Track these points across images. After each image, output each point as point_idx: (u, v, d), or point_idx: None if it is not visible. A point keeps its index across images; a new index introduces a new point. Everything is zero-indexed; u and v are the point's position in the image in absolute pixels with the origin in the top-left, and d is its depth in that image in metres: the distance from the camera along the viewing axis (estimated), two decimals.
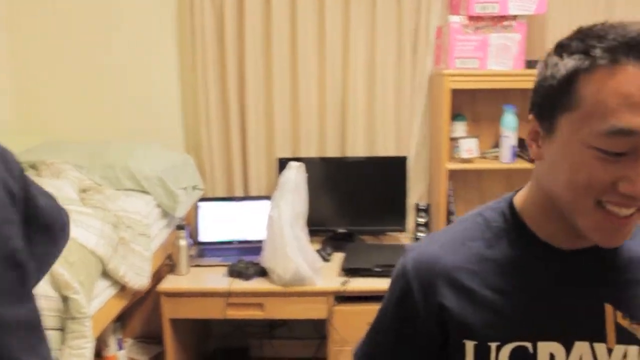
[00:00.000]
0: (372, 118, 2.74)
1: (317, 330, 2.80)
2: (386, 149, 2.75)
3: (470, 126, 2.69)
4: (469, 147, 2.47)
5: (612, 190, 0.71)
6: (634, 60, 0.69)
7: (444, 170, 2.47)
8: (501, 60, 2.43)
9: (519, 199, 0.88)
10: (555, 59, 0.76)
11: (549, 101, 0.77)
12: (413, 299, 0.88)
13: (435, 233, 0.93)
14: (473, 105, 2.73)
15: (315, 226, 2.62)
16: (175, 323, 2.38)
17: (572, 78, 0.73)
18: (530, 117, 0.82)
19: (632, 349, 0.83)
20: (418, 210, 2.69)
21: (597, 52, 0.71)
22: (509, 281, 0.84)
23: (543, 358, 0.83)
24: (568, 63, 0.74)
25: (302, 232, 2.31)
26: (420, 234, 2.68)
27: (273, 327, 2.97)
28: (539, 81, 0.79)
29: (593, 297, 0.84)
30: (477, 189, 2.82)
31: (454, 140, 2.55)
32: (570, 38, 0.76)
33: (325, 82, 2.70)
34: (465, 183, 2.79)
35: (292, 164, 2.31)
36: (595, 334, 0.83)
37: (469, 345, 0.84)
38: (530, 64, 2.52)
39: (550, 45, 0.80)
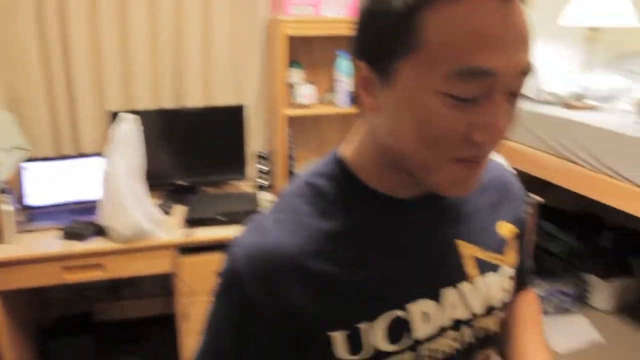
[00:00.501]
0: (209, 66, 2.67)
1: (165, 287, 2.76)
2: (224, 98, 2.71)
3: (307, 73, 2.74)
4: (306, 93, 2.52)
5: (466, 142, 0.62)
6: None
7: (282, 117, 2.50)
8: (335, 6, 2.49)
9: (348, 154, 0.76)
10: None
11: (383, 44, 0.63)
12: (255, 311, 0.70)
13: (261, 218, 0.75)
14: (309, 52, 2.78)
15: (155, 180, 2.53)
16: (6, 296, 2.19)
17: (411, 14, 0.60)
18: (358, 63, 0.67)
19: (492, 276, 0.81)
20: (259, 158, 2.71)
21: None
22: (359, 250, 0.73)
23: (417, 319, 0.74)
24: None
25: (140, 186, 2.22)
26: (262, 181, 2.71)
27: (118, 288, 2.87)
28: (366, 19, 0.65)
29: (444, 239, 0.78)
30: (315, 134, 2.90)
31: (291, 86, 2.58)
32: None
33: (157, 29, 2.56)
34: (303, 129, 2.86)
35: (125, 116, 2.19)
36: (458, 275, 0.78)
37: (336, 336, 0.71)
38: None
39: None
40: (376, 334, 0.72)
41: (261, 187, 2.72)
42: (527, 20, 0.63)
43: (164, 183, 2.64)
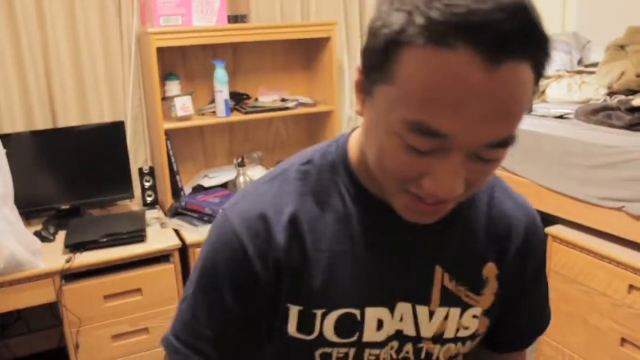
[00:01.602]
0: (82, 84, 2.57)
1: (56, 317, 2.62)
2: (101, 115, 2.62)
3: (184, 84, 2.70)
4: (183, 105, 2.48)
5: (418, 184, 0.61)
6: (466, 45, 0.53)
7: (161, 130, 2.45)
8: (204, 16, 2.47)
9: (353, 148, 0.76)
10: (386, 6, 0.59)
11: (371, 63, 0.62)
12: (250, 260, 0.73)
13: (260, 185, 0.79)
14: (185, 63, 2.74)
15: (34, 206, 2.41)
16: None
17: (391, 45, 0.57)
18: (358, 66, 0.67)
19: (454, 311, 0.79)
20: (142, 174, 2.64)
21: (422, 20, 0.54)
22: (341, 243, 0.74)
23: (370, 324, 0.76)
24: (393, 21, 0.57)
25: (12, 214, 2.10)
26: (148, 198, 2.64)
27: (5, 326, 2.70)
28: (370, 27, 0.62)
29: (425, 260, 0.77)
30: (200, 145, 2.86)
31: (169, 99, 2.53)
32: None
33: (22, 51, 2.44)
34: (188, 141, 2.81)
35: None
36: (421, 297, 0.78)
37: (293, 310, 0.75)
38: (234, 19, 2.60)
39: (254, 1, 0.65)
40: (327, 324, 0.75)
41: (147, 205, 2.65)
42: (519, 90, 0.56)
43: (45, 208, 2.51)
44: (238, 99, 2.76)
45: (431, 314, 0.78)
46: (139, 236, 2.24)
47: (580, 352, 2.08)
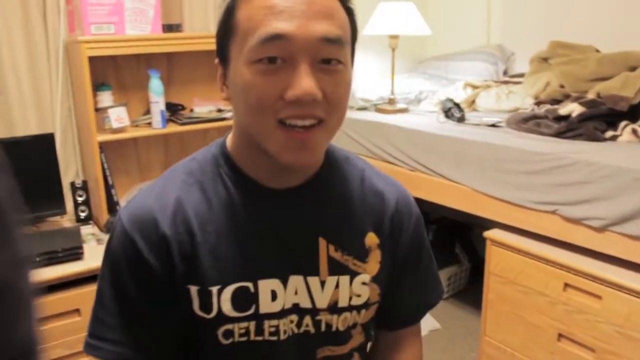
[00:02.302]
0: (5, 95, 2.42)
1: None
2: (28, 128, 2.47)
3: (118, 94, 2.60)
4: (118, 116, 2.39)
5: (284, 104, 0.74)
6: None
7: (94, 143, 2.34)
8: (138, 24, 2.39)
9: (229, 141, 0.89)
10: (220, 4, 0.82)
11: (220, 36, 0.82)
12: (142, 253, 0.82)
13: (150, 185, 0.89)
14: (118, 72, 2.64)
15: None
16: None
17: (230, 10, 0.79)
18: (216, 61, 0.85)
19: (344, 279, 0.88)
20: (74, 188, 2.51)
21: None
22: (227, 223, 0.83)
23: (264, 295, 0.84)
24: (227, 0, 0.80)
25: None
26: (82, 214, 2.51)
27: None
28: (217, 26, 0.83)
29: (308, 233, 0.86)
30: (135, 158, 2.76)
31: (102, 110, 2.43)
32: None
33: None
34: (122, 153, 2.71)
35: None
36: (310, 268, 0.86)
37: (193, 290, 0.83)
38: (169, 28, 2.54)
39: (187, 8, 0.84)
40: (224, 300, 0.82)
41: (81, 220, 2.52)
42: (333, 1, 0.77)
43: None
44: (173, 110, 2.69)
45: (322, 283, 0.87)
46: (75, 254, 2.12)
47: (520, 349, 2.17)
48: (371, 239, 0.91)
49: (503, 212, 2.21)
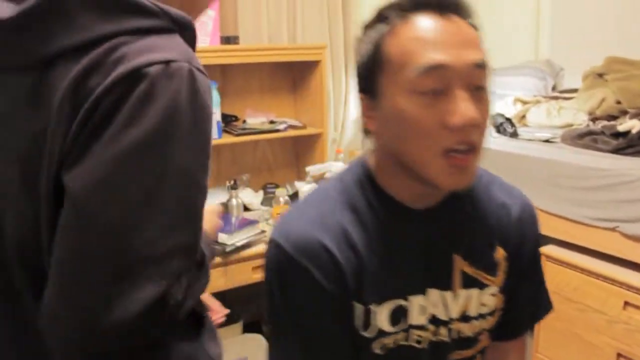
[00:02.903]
0: None
1: None
2: None
3: None
4: None
5: (448, 132, 0.77)
6: (422, 10, 0.80)
7: None
8: (198, 36, 2.44)
9: (372, 165, 0.92)
10: (361, 38, 0.85)
11: (367, 73, 0.84)
12: (319, 282, 0.85)
13: (300, 209, 0.93)
14: None
15: None
16: None
17: (378, 44, 0.82)
18: (360, 95, 0.88)
19: (474, 292, 0.93)
20: None
21: (391, 14, 0.81)
22: (381, 244, 0.88)
23: (414, 310, 0.90)
24: (372, 35, 0.83)
25: None
26: None
27: None
28: (356, 64, 0.87)
29: (445, 250, 0.91)
30: None
31: None
32: (370, 17, 0.85)
33: None
34: None
35: None
36: (446, 283, 0.91)
37: (358, 309, 0.87)
38: (227, 40, 2.59)
39: (242, 21, 0.83)
40: (382, 317, 0.88)
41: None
42: (470, 31, 0.81)
43: None
44: (227, 121, 2.74)
45: (456, 296, 0.92)
46: None
47: None
48: (500, 252, 0.96)
49: (559, 228, 2.20)
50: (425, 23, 0.79)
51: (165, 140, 0.67)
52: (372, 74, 0.83)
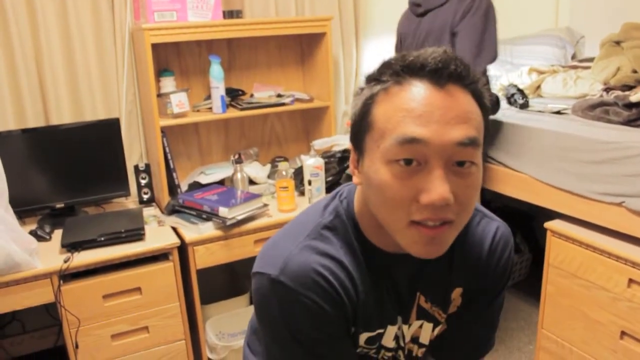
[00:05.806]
0: (75, 81, 2.54)
1: (53, 317, 2.59)
2: (95, 113, 2.59)
3: (179, 80, 2.67)
4: (179, 101, 2.45)
5: (418, 207, 0.77)
6: (415, 79, 0.78)
7: (157, 127, 2.42)
8: (200, 11, 2.44)
9: (356, 207, 0.95)
10: (359, 92, 0.86)
11: (357, 128, 0.85)
12: (323, 307, 0.89)
13: (287, 239, 0.95)
14: (180, 59, 2.71)
15: (28, 205, 2.38)
16: None
17: (368, 105, 0.82)
18: (350, 147, 0.90)
19: (427, 325, 1.04)
20: (138, 171, 2.61)
21: (385, 77, 0.81)
22: (365, 284, 0.94)
23: (388, 337, 1.01)
24: (366, 93, 0.84)
25: (7, 213, 2.06)
26: (145, 196, 2.61)
27: (0, 326, 2.66)
28: (351, 116, 0.88)
29: (412, 288, 0.99)
30: (196, 142, 2.84)
31: (164, 95, 2.50)
32: (373, 71, 0.85)
33: (13, 48, 2.40)
34: (183, 137, 2.79)
35: None
36: (407, 316, 1.01)
37: (363, 336, 0.99)
38: (229, 14, 2.57)
39: None
40: (362, 337, 0.99)
41: (144, 202, 2.62)
42: (466, 104, 0.78)
43: (39, 207, 2.47)
44: (233, 95, 2.74)
45: (410, 325, 1.03)
46: (137, 235, 2.21)
47: (579, 345, 2.11)
48: (457, 292, 1.03)
49: (565, 202, 2.14)
50: (415, 93, 0.77)
51: None
52: (360, 132, 0.84)
